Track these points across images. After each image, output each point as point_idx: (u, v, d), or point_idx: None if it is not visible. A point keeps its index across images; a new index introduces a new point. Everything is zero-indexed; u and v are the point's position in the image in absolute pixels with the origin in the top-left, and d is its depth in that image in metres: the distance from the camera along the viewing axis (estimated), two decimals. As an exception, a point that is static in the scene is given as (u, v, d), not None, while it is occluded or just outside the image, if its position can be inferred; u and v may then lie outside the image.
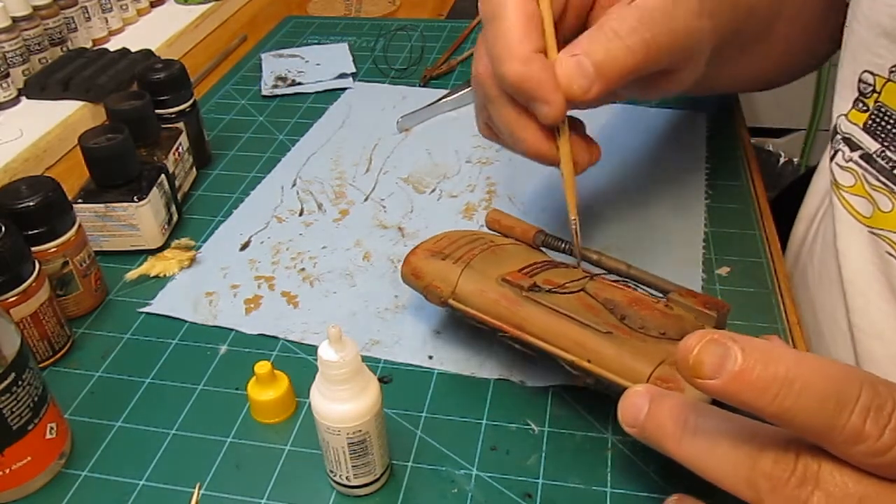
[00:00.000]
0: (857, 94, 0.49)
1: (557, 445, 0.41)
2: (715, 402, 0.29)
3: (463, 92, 0.73)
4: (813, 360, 0.26)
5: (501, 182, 0.62)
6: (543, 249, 0.48)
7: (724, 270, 0.52)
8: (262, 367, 0.42)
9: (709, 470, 0.29)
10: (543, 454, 0.41)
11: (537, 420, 0.43)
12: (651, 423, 0.31)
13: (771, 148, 1.35)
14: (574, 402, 0.43)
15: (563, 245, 0.45)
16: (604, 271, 0.44)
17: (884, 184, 0.47)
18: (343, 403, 0.35)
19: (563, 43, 0.41)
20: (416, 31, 0.88)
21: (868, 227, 0.49)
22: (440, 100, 0.72)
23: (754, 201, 0.59)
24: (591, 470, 0.40)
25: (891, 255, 0.47)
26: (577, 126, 0.45)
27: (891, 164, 0.46)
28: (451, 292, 0.42)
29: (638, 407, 0.31)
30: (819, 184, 0.58)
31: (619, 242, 0.55)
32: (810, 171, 0.89)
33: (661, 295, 0.43)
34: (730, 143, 0.65)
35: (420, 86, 0.78)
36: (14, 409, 0.37)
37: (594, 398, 0.43)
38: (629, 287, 0.42)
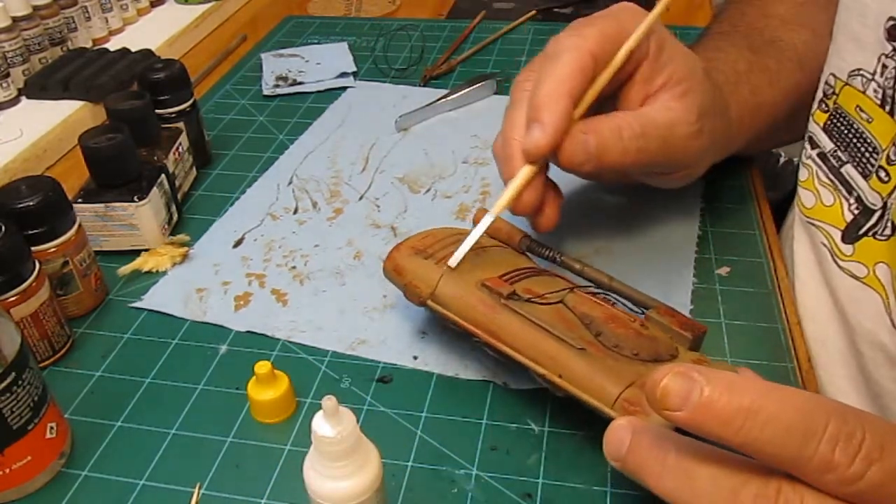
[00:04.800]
0: (821, 96, 0.51)
1: (557, 445, 0.41)
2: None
3: (463, 92, 0.73)
4: (780, 392, 0.27)
5: (497, 183, 0.62)
6: (528, 255, 0.48)
7: (723, 270, 0.52)
8: (262, 367, 0.42)
9: None
10: (543, 454, 0.41)
11: (537, 420, 0.43)
12: (632, 457, 0.31)
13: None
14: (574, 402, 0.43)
15: (546, 252, 0.45)
16: (586, 283, 0.44)
17: (830, 181, 0.49)
18: (341, 481, 0.33)
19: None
20: (416, 31, 0.88)
21: (807, 217, 0.52)
22: (440, 99, 0.72)
23: (754, 201, 0.59)
24: (591, 470, 0.40)
25: (825, 245, 0.50)
26: (554, 189, 0.48)
27: (840, 163, 0.48)
28: (431, 293, 0.42)
29: (620, 440, 0.32)
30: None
31: (611, 244, 0.55)
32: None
33: (640, 311, 0.43)
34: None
35: (420, 86, 0.78)
36: (14, 409, 0.37)
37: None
38: (608, 303, 0.42)
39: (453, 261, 0.43)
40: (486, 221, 0.44)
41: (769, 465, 0.27)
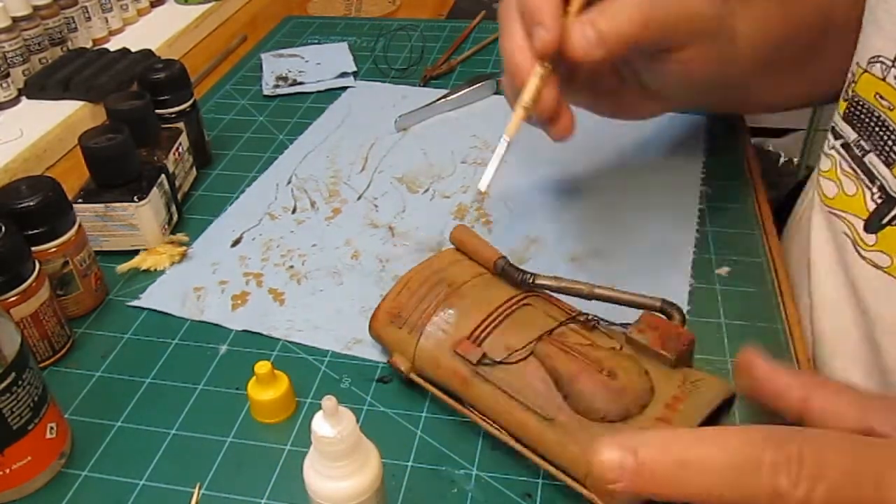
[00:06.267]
0: (843, 85, 0.50)
1: (557, 445, 0.41)
2: None
3: (462, 92, 0.73)
4: (708, 436, 0.27)
5: (495, 184, 0.62)
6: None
7: (723, 270, 0.52)
8: (262, 367, 0.42)
9: None
10: (543, 454, 0.41)
11: (537, 420, 0.43)
12: None
13: (771, 148, 1.35)
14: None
15: (518, 276, 0.45)
16: (558, 323, 0.43)
17: (853, 170, 0.49)
18: (341, 481, 0.33)
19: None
20: (416, 31, 0.88)
21: (829, 207, 0.51)
22: (439, 99, 0.72)
23: (754, 201, 0.59)
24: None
25: (846, 235, 0.49)
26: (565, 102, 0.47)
27: (862, 152, 0.48)
28: (411, 367, 0.43)
29: None
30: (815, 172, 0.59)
31: (608, 245, 0.54)
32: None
33: (622, 325, 0.42)
34: (730, 143, 0.65)
35: (420, 86, 0.78)
36: (14, 409, 0.38)
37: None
38: (586, 328, 0.42)
39: (482, 184, 0.45)
40: (517, 117, 0.44)
41: None
